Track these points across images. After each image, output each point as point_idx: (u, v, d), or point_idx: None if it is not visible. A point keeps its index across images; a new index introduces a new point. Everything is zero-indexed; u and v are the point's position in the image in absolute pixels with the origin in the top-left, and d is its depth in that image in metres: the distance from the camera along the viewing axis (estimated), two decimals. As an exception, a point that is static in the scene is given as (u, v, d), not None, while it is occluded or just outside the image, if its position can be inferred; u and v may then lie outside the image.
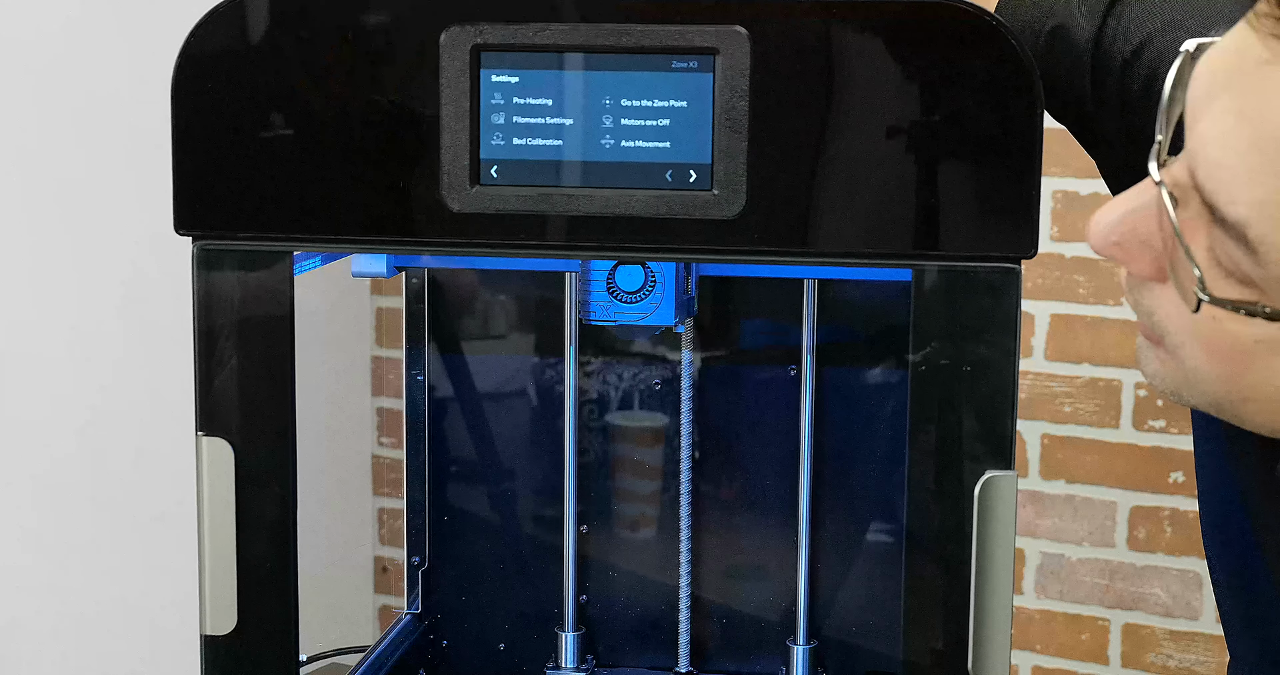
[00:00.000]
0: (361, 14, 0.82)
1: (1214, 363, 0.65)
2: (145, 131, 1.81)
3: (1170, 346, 0.67)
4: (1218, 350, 0.64)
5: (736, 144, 0.80)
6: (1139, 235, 0.65)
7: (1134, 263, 0.66)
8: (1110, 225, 0.66)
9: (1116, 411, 2.26)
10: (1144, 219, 0.65)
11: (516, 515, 1.25)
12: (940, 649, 0.83)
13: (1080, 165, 2.20)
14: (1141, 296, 0.68)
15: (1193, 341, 0.65)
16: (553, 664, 1.23)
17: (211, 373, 0.86)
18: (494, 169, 0.82)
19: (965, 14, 0.79)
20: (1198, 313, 0.62)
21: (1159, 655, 2.29)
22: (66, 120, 1.95)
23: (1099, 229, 0.66)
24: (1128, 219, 0.65)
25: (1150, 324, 0.68)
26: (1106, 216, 0.66)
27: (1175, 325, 0.66)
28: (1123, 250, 0.66)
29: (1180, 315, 0.65)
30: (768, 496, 1.20)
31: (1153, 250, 0.65)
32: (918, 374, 0.82)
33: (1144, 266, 0.66)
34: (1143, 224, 0.65)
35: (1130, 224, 0.65)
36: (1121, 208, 0.66)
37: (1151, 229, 0.65)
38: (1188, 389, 0.68)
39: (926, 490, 0.82)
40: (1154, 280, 0.66)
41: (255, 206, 0.84)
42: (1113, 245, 0.66)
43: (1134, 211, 0.65)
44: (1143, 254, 0.65)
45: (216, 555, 0.87)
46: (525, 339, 1.24)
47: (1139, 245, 0.65)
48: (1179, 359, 0.67)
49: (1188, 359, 0.66)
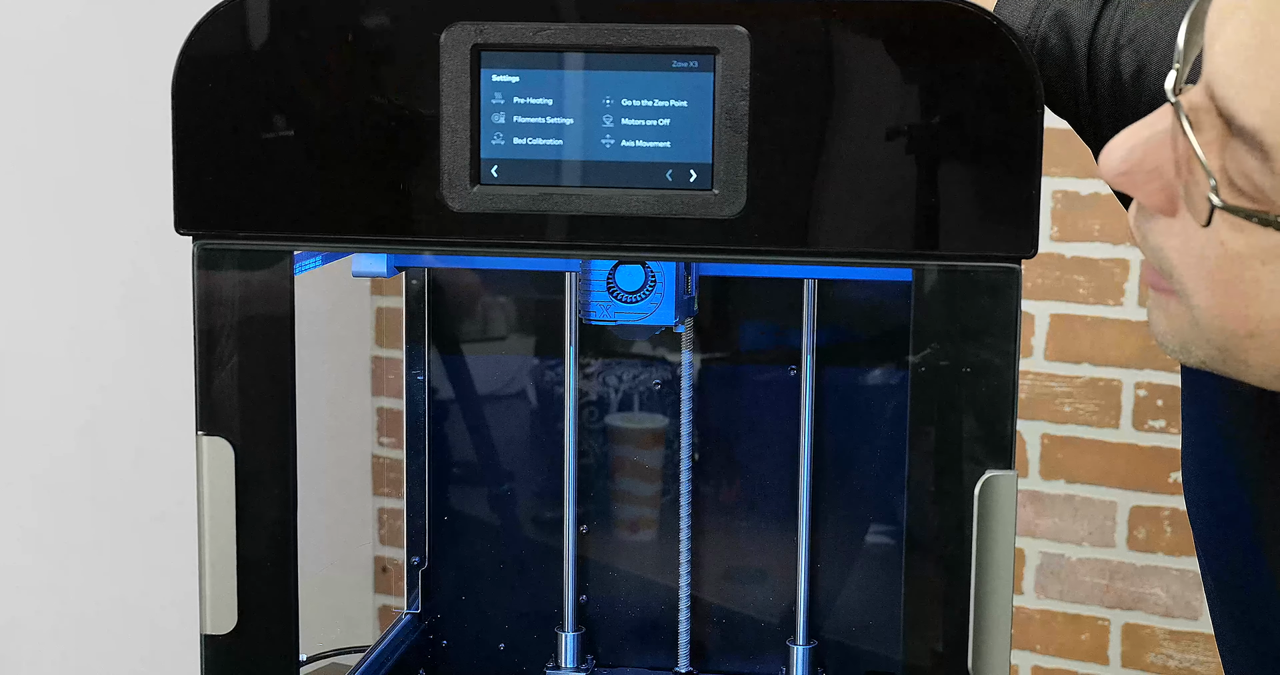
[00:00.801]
0: (361, 14, 0.82)
1: (1218, 295, 0.65)
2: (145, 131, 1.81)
3: (1177, 285, 0.67)
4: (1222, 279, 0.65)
5: (737, 144, 0.80)
6: (1150, 164, 0.66)
7: (1144, 191, 0.67)
8: (1123, 154, 0.67)
9: (1116, 411, 2.26)
10: (1156, 147, 0.66)
11: (516, 515, 1.25)
12: (940, 649, 0.83)
13: (1080, 165, 2.20)
14: (1150, 232, 0.68)
15: (1197, 274, 0.66)
16: (553, 664, 1.23)
17: (212, 372, 0.86)
18: (494, 169, 0.82)
19: (965, 14, 0.79)
20: (1207, 226, 0.63)
21: (1159, 655, 2.29)
22: (67, 120, 1.95)
23: (1111, 158, 0.67)
24: (1140, 148, 0.66)
25: (1158, 262, 0.68)
26: (1117, 147, 0.67)
27: (1181, 258, 0.67)
28: (1132, 179, 0.67)
29: (1187, 247, 0.66)
30: (767, 497, 1.20)
31: (1162, 179, 0.66)
32: (918, 374, 0.82)
33: (1152, 196, 0.67)
34: (1155, 152, 0.66)
35: (1142, 153, 0.66)
36: (1134, 137, 0.67)
37: (1163, 157, 0.66)
38: (1194, 337, 0.68)
39: (926, 490, 0.82)
40: (1162, 212, 0.67)
41: (255, 206, 0.84)
42: (1122, 174, 0.67)
43: (1146, 140, 0.66)
44: (1152, 182, 0.67)
45: (217, 555, 0.87)
46: (525, 339, 1.24)
47: (1149, 173, 0.66)
48: (1185, 299, 0.67)
49: (1193, 295, 0.67)
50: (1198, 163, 0.62)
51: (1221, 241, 0.64)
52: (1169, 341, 0.70)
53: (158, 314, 2.00)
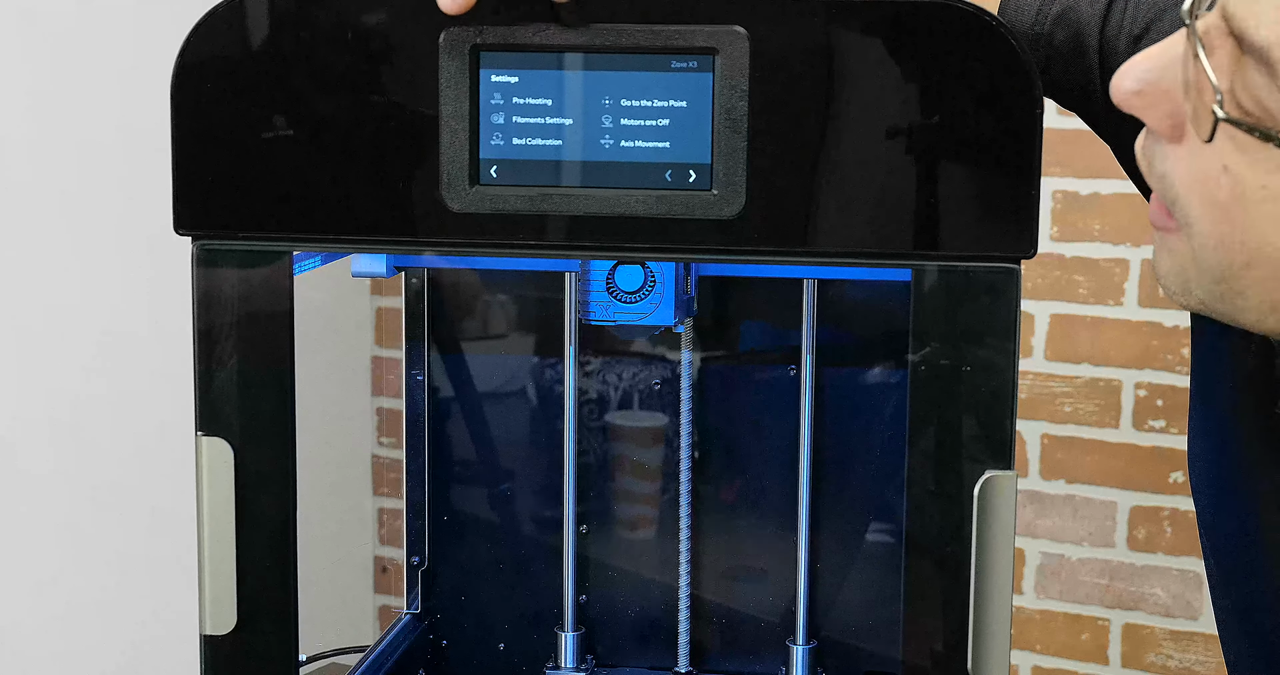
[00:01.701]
0: (361, 14, 0.82)
1: (1220, 222, 0.66)
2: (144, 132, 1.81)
3: (1179, 212, 0.68)
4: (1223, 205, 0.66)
5: (736, 144, 0.80)
6: (1162, 85, 0.67)
7: (1152, 114, 0.68)
8: (1137, 75, 0.68)
9: (1116, 411, 2.26)
10: (1169, 70, 0.67)
11: (516, 515, 1.25)
12: (940, 649, 0.83)
13: (1080, 165, 2.20)
14: (1154, 158, 0.69)
15: (1199, 200, 0.67)
16: (552, 664, 1.23)
17: (211, 373, 0.86)
18: (493, 169, 0.82)
19: (965, 14, 0.79)
20: (1210, 142, 0.64)
21: (1159, 655, 2.29)
22: (66, 120, 1.95)
23: (1125, 79, 0.68)
24: (1154, 70, 0.68)
25: (1163, 189, 0.69)
26: (1131, 68, 0.68)
27: (1184, 184, 0.68)
28: (1143, 99, 0.68)
29: (1191, 172, 0.67)
30: (767, 496, 1.20)
31: (1172, 102, 0.67)
32: (917, 374, 0.82)
33: (1161, 119, 0.68)
34: (1167, 74, 0.67)
35: (1155, 75, 0.67)
36: (1149, 60, 0.68)
37: (1173, 79, 0.67)
38: (1195, 273, 0.69)
39: (926, 490, 0.82)
40: (1170, 138, 0.68)
41: (255, 206, 0.84)
42: (1134, 94, 0.68)
43: (1160, 64, 0.67)
44: (1162, 105, 0.68)
45: (216, 555, 0.87)
46: (525, 339, 1.24)
47: (1160, 95, 0.67)
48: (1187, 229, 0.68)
49: (1195, 224, 0.67)
50: (1206, 80, 0.64)
51: (1224, 164, 0.65)
52: (1171, 282, 0.71)
53: (158, 314, 2.00)
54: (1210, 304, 0.70)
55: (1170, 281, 0.71)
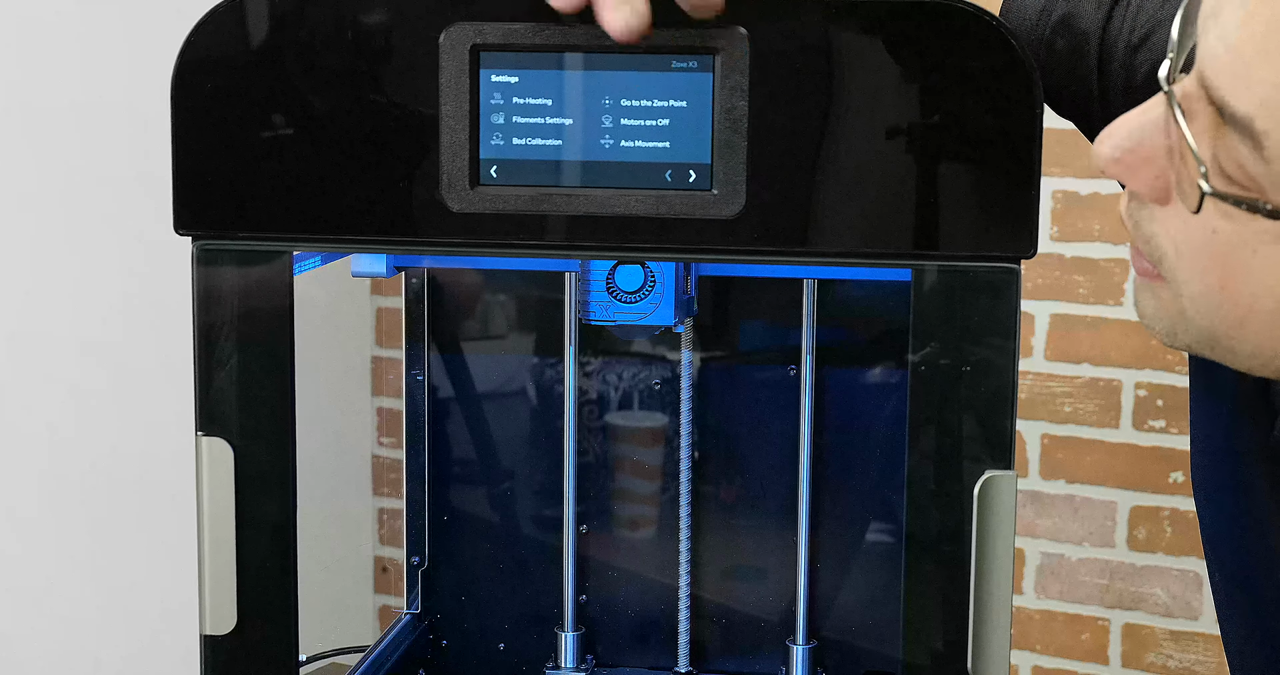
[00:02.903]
0: (361, 14, 0.82)
1: (1209, 282, 0.66)
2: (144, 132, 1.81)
3: (1167, 272, 0.68)
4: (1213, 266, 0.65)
5: (736, 144, 0.80)
6: (1143, 151, 0.67)
7: (1137, 179, 0.67)
8: (1115, 142, 0.67)
9: (1116, 411, 2.26)
10: (1149, 135, 0.66)
11: (516, 515, 1.25)
12: (940, 649, 0.83)
13: (1080, 165, 2.20)
14: (1142, 220, 0.69)
15: (1188, 262, 0.66)
16: (552, 664, 1.23)
17: (211, 373, 0.86)
18: (493, 169, 0.82)
19: (965, 14, 0.79)
20: (1198, 213, 0.63)
21: (1159, 655, 2.29)
22: (66, 120, 1.95)
23: (1105, 146, 0.68)
24: (1134, 135, 0.67)
25: (1149, 250, 0.69)
26: (1111, 134, 0.68)
27: (1172, 246, 0.67)
28: (1124, 166, 0.67)
29: (1177, 235, 0.66)
30: (767, 496, 1.20)
31: (1155, 167, 0.66)
32: (917, 374, 0.82)
33: (1144, 183, 0.67)
34: (1147, 140, 0.66)
35: (1136, 140, 0.67)
36: (1127, 125, 0.67)
37: (1156, 145, 0.66)
38: (1182, 322, 0.69)
39: (926, 490, 0.82)
40: (1155, 200, 0.67)
41: (255, 206, 0.84)
42: (1116, 161, 0.67)
43: (1140, 128, 0.67)
44: (1144, 170, 0.67)
45: (216, 555, 0.87)
46: (525, 339, 1.24)
47: (1141, 161, 0.67)
48: (1175, 285, 0.68)
49: (1183, 283, 0.67)
50: (1189, 150, 0.63)
51: (1213, 229, 0.64)
52: (1157, 325, 0.71)
53: (158, 314, 2.00)
54: (1198, 350, 0.70)
55: (1156, 324, 0.71)
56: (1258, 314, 0.65)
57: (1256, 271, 0.64)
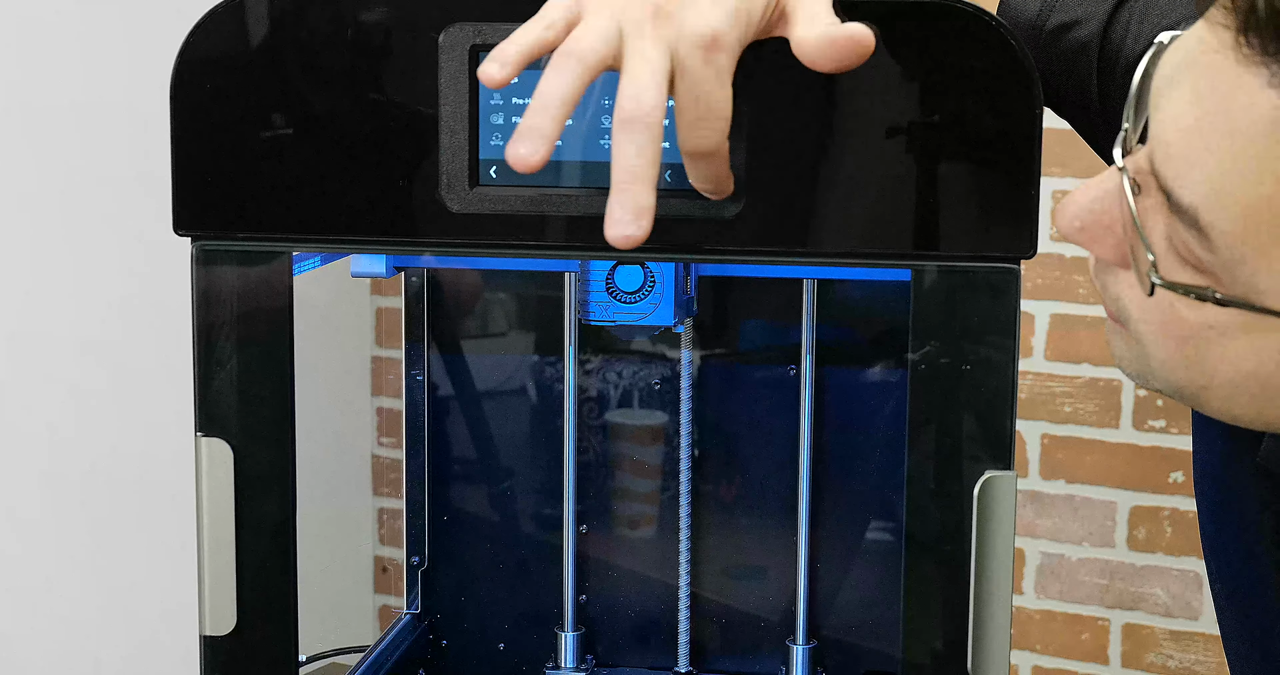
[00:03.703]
0: (361, 14, 0.82)
1: (1171, 348, 0.66)
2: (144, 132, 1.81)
3: (1134, 335, 0.68)
4: (1174, 335, 0.65)
5: (735, 144, 0.80)
6: (1103, 221, 0.67)
7: (1098, 247, 0.68)
8: (1076, 211, 0.67)
9: (1116, 411, 2.26)
10: (1108, 205, 0.66)
11: (516, 515, 1.25)
12: (939, 649, 0.83)
13: (1080, 165, 2.20)
14: (1107, 281, 0.69)
15: (1151, 327, 0.67)
16: (552, 664, 1.23)
17: (211, 373, 0.86)
18: (493, 169, 0.82)
19: (965, 14, 0.79)
20: (1152, 296, 0.64)
21: (1159, 655, 2.29)
22: (66, 120, 1.95)
23: (1066, 214, 0.68)
24: (1094, 205, 0.67)
25: (1116, 308, 0.69)
26: (1073, 202, 0.68)
27: (1136, 310, 0.68)
28: (1087, 235, 0.67)
29: (1140, 300, 0.66)
30: (767, 496, 1.20)
31: (1115, 235, 0.67)
32: (917, 374, 0.82)
33: (1107, 251, 0.67)
34: (1107, 210, 0.66)
35: (1096, 210, 0.67)
36: (1088, 194, 0.67)
37: (1115, 215, 0.66)
38: (1150, 374, 0.69)
39: (926, 490, 0.82)
40: (1117, 265, 0.68)
41: (254, 207, 0.84)
42: (1078, 230, 0.68)
43: (1099, 198, 0.67)
44: (1106, 239, 0.67)
45: (216, 555, 0.87)
46: (525, 339, 1.24)
47: (1103, 230, 0.67)
48: (1141, 344, 0.68)
49: (1148, 344, 0.67)
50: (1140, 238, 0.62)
51: (1171, 305, 0.64)
52: (1127, 368, 0.71)
53: (157, 314, 2.00)
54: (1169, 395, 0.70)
55: (1127, 367, 0.71)
56: (1218, 381, 0.65)
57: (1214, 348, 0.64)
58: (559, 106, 0.69)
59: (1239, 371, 0.64)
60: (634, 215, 0.69)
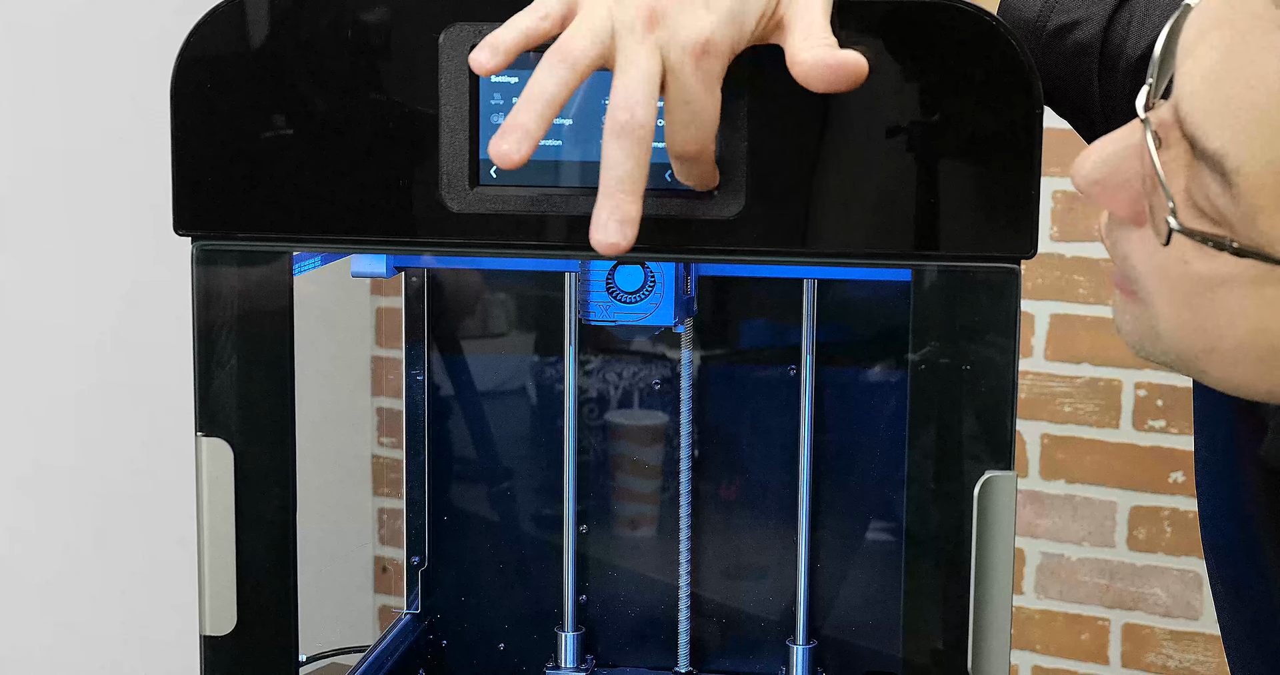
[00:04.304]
0: (361, 14, 0.82)
1: (1180, 309, 0.66)
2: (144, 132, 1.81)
3: (1141, 294, 0.68)
4: (1184, 294, 0.65)
5: (736, 144, 0.80)
6: (1120, 176, 0.67)
7: (1112, 202, 0.68)
8: (1094, 164, 0.67)
9: (1116, 411, 2.26)
10: (1126, 159, 0.66)
11: (516, 515, 1.25)
12: (940, 649, 0.83)
13: (1080, 165, 2.20)
14: (1118, 240, 0.69)
15: (1161, 287, 0.66)
16: (552, 664, 1.23)
17: (211, 373, 0.86)
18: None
19: (965, 14, 0.79)
20: (1167, 245, 0.64)
21: (1159, 655, 2.29)
22: (66, 121, 1.95)
23: (1082, 169, 0.68)
24: (1110, 159, 0.67)
25: (1124, 270, 0.69)
26: (1090, 156, 0.68)
27: (1146, 269, 0.67)
28: (1102, 189, 0.67)
29: (1151, 259, 0.66)
30: (767, 496, 1.20)
31: (1131, 191, 0.67)
32: (917, 374, 0.82)
33: (1121, 207, 0.67)
34: (1125, 164, 0.66)
35: (1113, 164, 0.67)
36: (1106, 149, 0.67)
37: (1132, 169, 0.66)
38: (1155, 342, 0.69)
39: (926, 490, 0.82)
40: (1130, 222, 0.68)
41: (255, 207, 0.84)
42: (1093, 183, 0.68)
43: (1117, 152, 0.67)
44: (1121, 194, 0.67)
45: (216, 555, 0.87)
46: (525, 339, 1.24)
47: (1119, 185, 0.67)
48: (1148, 308, 0.68)
49: (1156, 306, 0.67)
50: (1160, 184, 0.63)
51: (1184, 260, 0.64)
52: (1131, 339, 0.71)
53: (158, 314, 2.00)
54: (1171, 367, 0.70)
55: (1131, 338, 0.71)
56: (1225, 342, 0.65)
57: (1223, 304, 0.64)
58: (545, 106, 0.69)
59: (1247, 330, 0.64)
60: (619, 224, 0.70)
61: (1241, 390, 0.68)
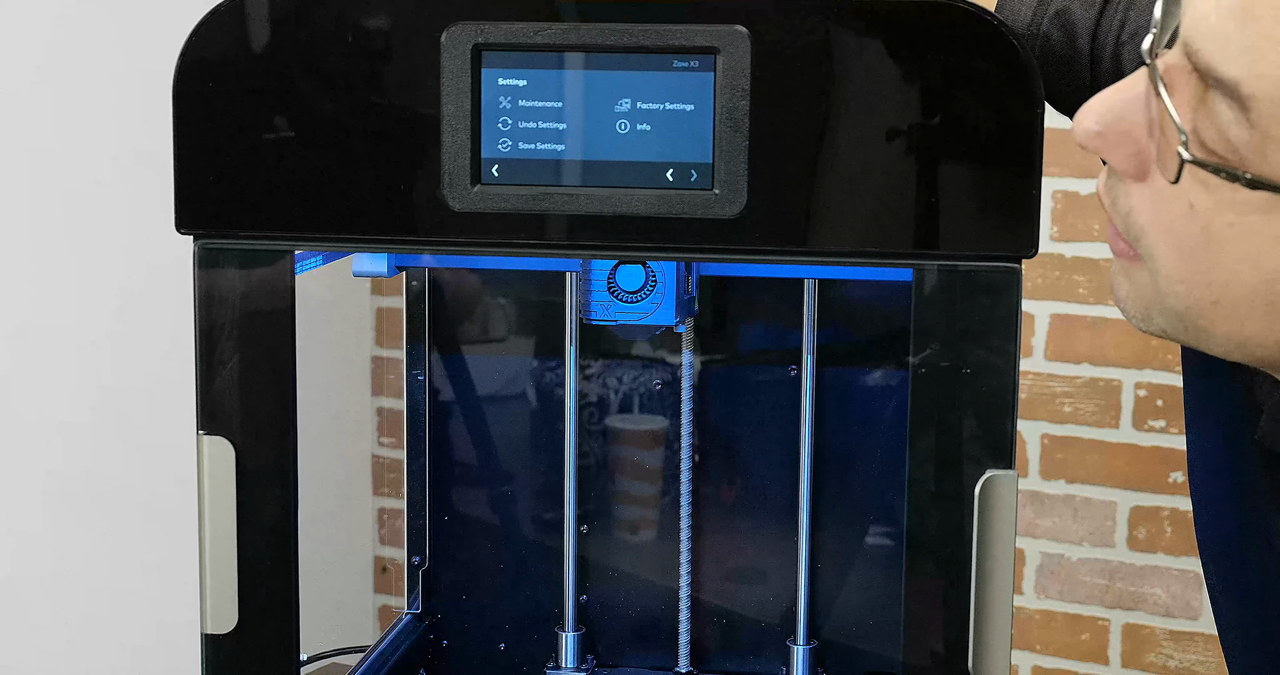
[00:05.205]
0: (362, 13, 0.82)
1: (1184, 260, 0.65)
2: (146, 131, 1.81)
3: (1144, 249, 0.68)
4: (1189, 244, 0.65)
5: (737, 143, 0.80)
6: (1123, 126, 0.66)
7: (1115, 154, 0.67)
8: (1097, 116, 0.67)
9: (1116, 411, 2.26)
10: (1130, 109, 0.66)
11: (516, 515, 1.25)
12: (940, 649, 0.83)
13: (1080, 165, 2.20)
14: (1119, 196, 0.69)
15: (1165, 238, 0.66)
16: (553, 664, 1.23)
17: (212, 372, 0.86)
18: (495, 168, 0.82)
19: (965, 14, 0.79)
20: (1176, 183, 0.63)
21: (1159, 655, 2.29)
22: (67, 120, 1.95)
23: (1086, 119, 0.67)
24: (1115, 110, 0.67)
25: (1126, 227, 0.69)
26: (1092, 108, 0.67)
27: (1148, 221, 0.67)
28: (1105, 141, 0.67)
29: (1156, 210, 0.66)
30: (768, 497, 1.20)
31: (1134, 142, 0.66)
32: (918, 374, 0.82)
33: (1124, 159, 0.67)
34: (1128, 114, 0.66)
35: (1116, 114, 0.67)
36: (1109, 99, 0.67)
37: (1136, 120, 0.66)
38: (1157, 304, 0.68)
39: (927, 490, 0.82)
40: (1133, 176, 0.67)
41: (256, 206, 0.84)
42: (1096, 135, 0.67)
43: (1122, 103, 0.67)
44: (1124, 145, 0.67)
45: (217, 554, 0.87)
46: (526, 339, 1.24)
47: (1122, 135, 0.67)
48: (1151, 265, 0.67)
49: (1159, 261, 0.67)
50: (1170, 121, 0.63)
51: (1190, 203, 0.64)
52: (1131, 308, 0.70)
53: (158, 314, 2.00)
54: (1172, 333, 0.69)
55: (1130, 307, 0.70)
56: (1232, 292, 0.65)
57: (1231, 247, 0.63)
58: None
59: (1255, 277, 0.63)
60: None
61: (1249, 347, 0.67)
